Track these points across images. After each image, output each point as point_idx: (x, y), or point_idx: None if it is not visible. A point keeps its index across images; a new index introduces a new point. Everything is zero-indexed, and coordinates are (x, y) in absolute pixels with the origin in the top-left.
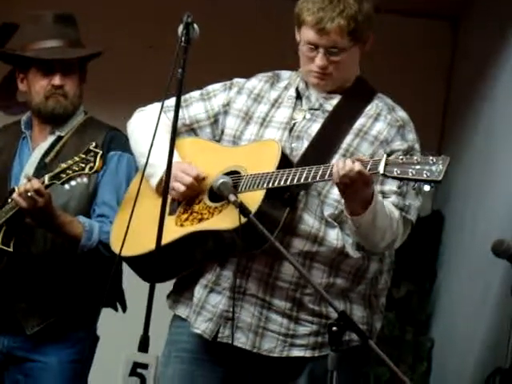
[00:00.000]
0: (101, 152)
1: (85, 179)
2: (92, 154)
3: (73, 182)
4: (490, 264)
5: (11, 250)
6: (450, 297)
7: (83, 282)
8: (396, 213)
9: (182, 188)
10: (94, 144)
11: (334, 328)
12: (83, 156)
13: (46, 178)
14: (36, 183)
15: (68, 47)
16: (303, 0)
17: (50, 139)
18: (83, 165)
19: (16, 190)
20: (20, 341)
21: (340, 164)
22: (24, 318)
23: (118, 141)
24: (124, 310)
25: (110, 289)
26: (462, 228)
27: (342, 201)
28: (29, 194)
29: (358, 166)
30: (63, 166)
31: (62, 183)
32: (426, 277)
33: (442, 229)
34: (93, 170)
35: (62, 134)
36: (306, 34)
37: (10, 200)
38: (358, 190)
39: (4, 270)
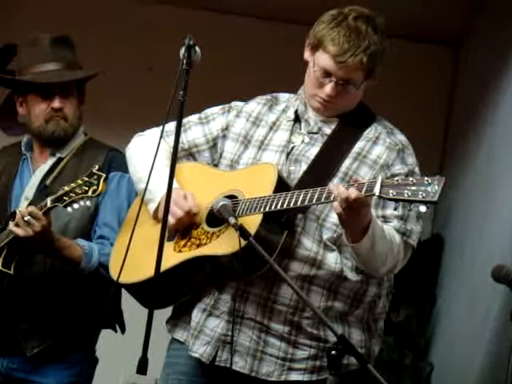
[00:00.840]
0: (104, 175)
1: (88, 202)
2: (95, 176)
3: (75, 205)
4: (489, 289)
5: (12, 272)
6: (450, 321)
7: (83, 303)
8: (397, 237)
9: (172, 221)
10: (97, 167)
11: (333, 352)
12: (86, 179)
13: (49, 200)
14: (31, 207)
15: (66, 70)
16: (327, 26)
17: (51, 161)
18: (86, 188)
19: (17, 212)
20: (19, 362)
21: (335, 191)
22: (24, 340)
23: (118, 161)
24: (123, 331)
25: (108, 310)
26: (461, 252)
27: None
28: (25, 218)
29: (354, 194)
30: (66, 188)
31: (65, 206)
32: (425, 301)
33: (441, 253)
34: (96, 193)
35: (63, 156)
36: (324, 61)
37: (11, 222)
38: (356, 215)
39: (4, 291)
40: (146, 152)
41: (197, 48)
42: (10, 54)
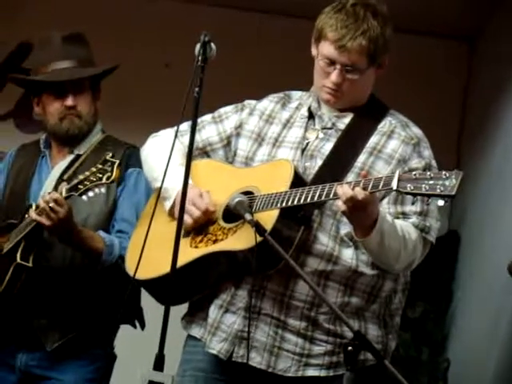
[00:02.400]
0: (118, 161)
1: (102, 189)
2: (109, 163)
3: (90, 193)
4: (506, 284)
5: (30, 265)
6: (466, 317)
7: (103, 297)
8: (414, 234)
9: (189, 220)
10: (110, 154)
11: (350, 348)
12: (100, 166)
13: (64, 189)
14: (55, 194)
15: (78, 67)
16: (326, 15)
17: (69, 158)
18: (100, 175)
19: (33, 205)
20: (38, 358)
21: (340, 191)
22: (44, 334)
23: (136, 158)
24: (142, 327)
25: (128, 306)
26: (478, 248)
27: None
28: (50, 204)
29: (360, 195)
30: (80, 177)
31: (80, 194)
32: (442, 297)
33: (458, 249)
34: (110, 179)
35: (81, 153)
36: (326, 49)
37: (27, 216)
38: (362, 212)
39: (23, 285)
40: (160, 152)
41: (212, 45)
42: (25, 53)
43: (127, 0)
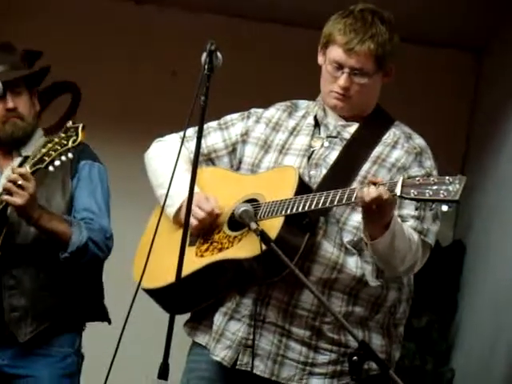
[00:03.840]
0: (82, 124)
1: (70, 155)
2: (72, 129)
3: (57, 162)
4: (511, 294)
5: None
6: (471, 327)
7: (74, 284)
8: (415, 236)
9: (194, 222)
10: (70, 122)
11: (355, 358)
12: (63, 135)
13: (28, 166)
14: (21, 169)
15: (11, 70)
16: (334, 21)
17: (18, 160)
18: (65, 141)
19: (5, 181)
20: (9, 356)
21: (365, 191)
22: (16, 327)
23: (87, 152)
24: (109, 322)
25: (92, 303)
26: (483, 258)
27: (361, 227)
28: (19, 182)
29: (385, 194)
30: (43, 150)
31: (46, 166)
32: (447, 307)
33: (463, 258)
34: (76, 143)
35: (29, 154)
36: (334, 53)
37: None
38: (381, 212)
39: None
40: (165, 157)
41: (218, 53)
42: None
43: (134, 9)
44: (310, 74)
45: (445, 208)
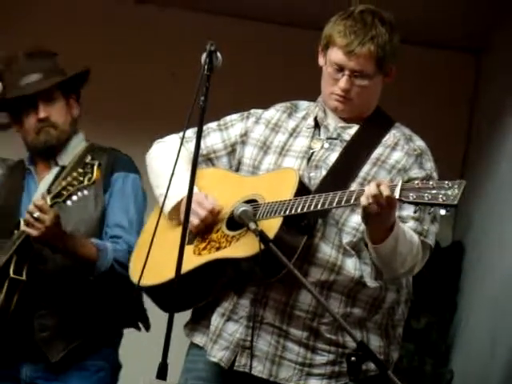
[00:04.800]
0: (97, 162)
1: (85, 192)
2: (89, 166)
3: (74, 197)
4: (510, 295)
5: (24, 278)
6: (471, 328)
7: (103, 303)
8: (416, 238)
9: (196, 221)
10: (89, 157)
11: (353, 358)
12: (81, 170)
13: (48, 198)
14: (39, 201)
15: (44, 78)
16: (334, 23)
17: (54, 171)
18: (82, 178)
19: (22, 221)
20: (42, 370)
21: (367, 190)
22: (47, 347)
23: (120, 162)
24: (147, 328)
25: (129, 308)
26: (482, 259)
27: (360, 228)
28: (35, 214)
29: (386, 191)
30: (63, 184)
31: (64, 200)
32: (445, 308)
33: (462, 260)
34: (91, 181)
35: (65, 164)
36: (334, 55)
37: (16, 231)
38: (384, 214)
39: (20, 300)
40: (165, 158)
41: (218, 54)
42: None
43: (134, 9)
44: (311, 74)
45: (443, 212)
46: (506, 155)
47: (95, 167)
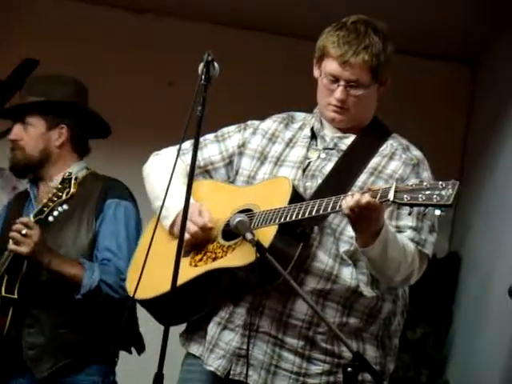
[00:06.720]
0: (74, 176)
1: (65, 206)
2: (66, 181)
3: (55, 213)
4: (506, 307)
5: (16, 296)
6: (466, 339)
7: (93, 324)
8: (411, 246)
9: (187, 236)
10: (67, 173)
11: (349, 369)
12: (59, 186)
13: (31, 216)
14: (23, 218)
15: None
16: (327, 34)
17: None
18: (60, 193)
19: (12, 233)
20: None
21: (348, 197)
22: (34, 364)
23: (114, 189)
24: (139, 351)
25: (123, 331)
26: (478, 270)
27: None
28: (23, 231)
29: (365, 198)
30: (44, 201)
31: (46, 216)
32: (441, 319)
33: (458, 270)
34: (69, 195)
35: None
36: (329, 66)
37: (5, 252)
38: (367, 220)
39: (12, 318)
40: (162, 170)
41: (215, 64)
42: (30, 68)
43: (131, 17)
44: (309, 85)
45: (437, 212)
46: (503, 165)
47: (72, 182)
